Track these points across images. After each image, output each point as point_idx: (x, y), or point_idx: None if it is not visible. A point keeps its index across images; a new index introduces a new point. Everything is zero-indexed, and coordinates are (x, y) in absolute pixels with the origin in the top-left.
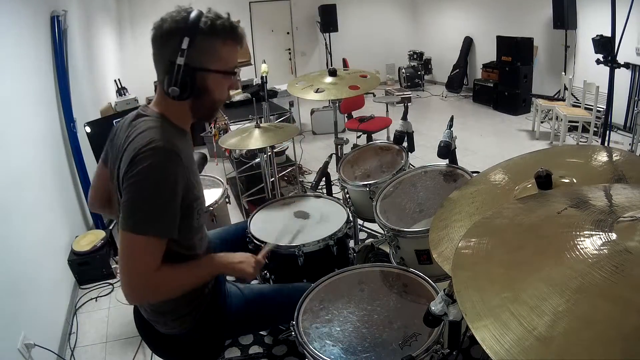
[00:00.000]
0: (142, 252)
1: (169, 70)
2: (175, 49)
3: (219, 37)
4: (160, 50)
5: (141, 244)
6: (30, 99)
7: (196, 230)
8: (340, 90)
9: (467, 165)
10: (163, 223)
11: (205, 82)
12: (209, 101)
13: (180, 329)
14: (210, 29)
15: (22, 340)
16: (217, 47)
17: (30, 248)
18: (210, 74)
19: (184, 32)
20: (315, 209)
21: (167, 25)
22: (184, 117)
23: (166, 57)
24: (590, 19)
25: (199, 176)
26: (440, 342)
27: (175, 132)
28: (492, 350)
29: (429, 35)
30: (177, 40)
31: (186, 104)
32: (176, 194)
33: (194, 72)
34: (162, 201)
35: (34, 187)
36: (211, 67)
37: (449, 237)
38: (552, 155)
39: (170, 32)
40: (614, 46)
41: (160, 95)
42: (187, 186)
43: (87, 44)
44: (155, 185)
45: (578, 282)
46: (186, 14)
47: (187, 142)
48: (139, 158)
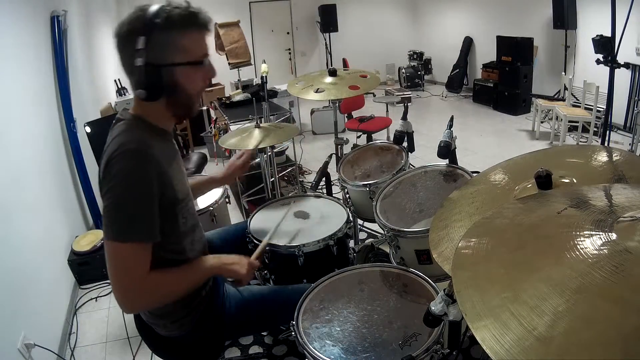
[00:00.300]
0: (128, 259)
1: (133, 72)
2: (133, 51)
3: (177, 28)
4: (122, 54)
5: (126, 251)
6: (30, 99)
7: (184, 234)
8: (340, 90)
9: (467, 165)
10: (144, 227)
11: (174, 77)
12: (184, 96)
13: (179, 331)
14: (166, 22)
15: (22, 340)
16: (176, 39)
17: (30, 248)
18: (176, 68)
19: (139, 32)
20: (315, 209)
21: (125, 28)
22: (163, 116)
23: (127, 60)
24: (590, 19)
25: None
26: (440, 342)
27: (152, 132)
28: (492, 350)
29: (429, 35)
30: (133, 41)
31: (161, 104)
32: (152, 194)
33: (159, 69)
34: (138, 205)
35: (34, 187)
36: (175, 60)
37: (449, 237)
38: (552, 155)
39: (128, 34)
40: (614, 46)
41: (134, 99)
42: (164, 184)
43: (87, 44)
44: (129, 189)
45: (578, 282)
46: (141, 12)
47: (166, 142)
48: (111, 164)
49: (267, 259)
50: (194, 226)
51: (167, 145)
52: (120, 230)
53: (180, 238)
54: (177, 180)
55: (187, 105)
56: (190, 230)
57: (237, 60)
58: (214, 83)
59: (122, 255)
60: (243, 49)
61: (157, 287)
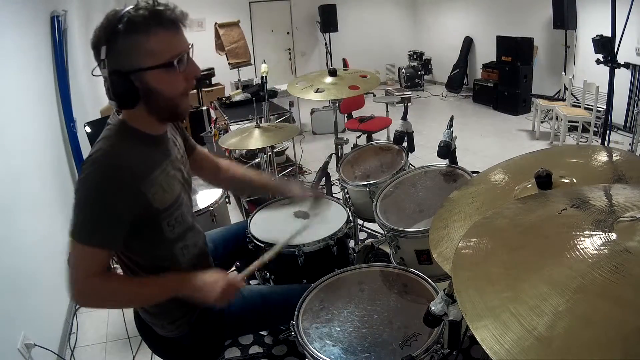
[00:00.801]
0: (80, 258)
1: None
2: (99, 62)
3: (141, 31)
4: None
5: (80, 250)
6: (30, 99)
7: (173, 240)
8: (340, 90)
9: (467, 165)
10: (99, 234)
11: (146, 82)
12: (163, 100)
13: (178, 332)
14: (128, 27)
15: (22, 340)
16: (141, 43)
17: (30, 248)
18: (145, 73)
19: (102, 41)
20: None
21: (93, 39)
22: (149, 122)
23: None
24: (590, 19)
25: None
26: (440, 342)
27: (136, 139)
28: (492, 350)
29: (429, 35)
30: (98, 52)
31: (143, 110)
32: (114, 205)
33: (127, 77)
34: (97, 212)
35: (34, 187)
36: (142, 65)
37: (449, 237)
38: (552, 155)
39: (95, 44)
40: (614, 46)
41: None
42: (135, 196)
43: (87, 44)
44: (91, 195)
45: (578, 282)
46: (106, 20)
47: (153, 147)
48: (84, 167)
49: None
50: (186, 232)
51: (153, 151)
52: (76, 230)
53: (168, 245)
54: (158, 190)
55: (169, 109)
56: (179, 237)
57: (237, 60)
58: (214, 83)
59: (76, 253)
60: (243, 49)
61: (104, 291)
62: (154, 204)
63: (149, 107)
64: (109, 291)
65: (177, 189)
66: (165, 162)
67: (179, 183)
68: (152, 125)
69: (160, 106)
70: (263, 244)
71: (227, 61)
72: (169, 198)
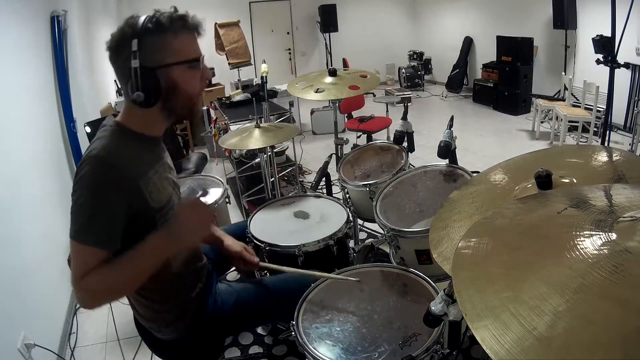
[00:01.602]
0: (80, 258)
1: (129, 77)
2: (127, 55)
3: (168, 30)
4: (116, 62)
5: (80, 251)
6: (30, 99)
7: None
8: (340, 90)
9: (467, 165)
10: (99, 234)
11: (171, 78)
12: (184, 97)
13: (175, 335)
14: (157, 26)
15: (22, 340)
16: (168, 41)
17: (30, 248)
18: (171, 68)
19: (131, 36)
20: (315, 209)
21: (115, 38)
22: (152, 123)
23: (122, 66)
24: (590, 19)
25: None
26: (440, 342)
27: (133, 140)
28: (492, 350)
29: (429, 35)
30: (127, 46)
31: (156, 109)
32: (111, 204)
33: (154, 71)
34: (96, 212)
35: (34, 187)
36: (169, 61)
37: (449, 237)
38: (552, 155)
39: (120, 40)
40: (614, 46)
41: (127, 105)
42: (131, 194)
43: (87, 44)
44: (89, 195)
45: (578, 282)
46: (131, 19)
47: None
48: (80, 167)
49: (267, 259)
50: None
51: (148, 152)
52: (77, 231)
53: None
54: (153, 189)
55: (188, 106)
56: None
57: (237, 60)
58: (214, 83)
59: (76, 253)
60: (243, 49)
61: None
62: (151, 203)
63: (168, 104)
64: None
65: (169, 190)
66: (158, 164)
67: (170, 185)
68: (150, 126)
69: (180, 103)
70: (263, 244)
71: (227, 61)
72: (164, 198)
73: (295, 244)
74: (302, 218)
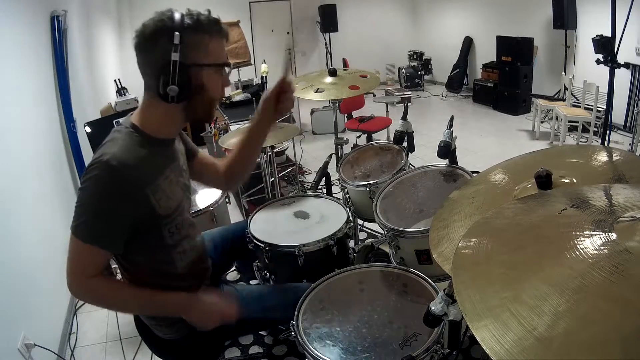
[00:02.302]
0: (79, 255)
1: (163, 70)
2: (166, 47)
3: (206, 31)
4: (148, 54)
5: (79, 247)
6: (30, 99)
7: (172, 246)
8: (340, 90)
9: (467, 165)
10: (101, 235)
11: (200, 79)
12: (207, 99)
13: (177, 334)
14: (197, 24)
15: (22, 340)
16: (205, 42)
17: (30, 248)
18: (203, 69)
19: (172, 29)
20: (315, 209)
21: (152, 28)
22: (170, 122)
23: (157, 58)
24: (590, 19)
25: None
26: (440, 342)
27: (146, 144)
28: (492, 350)
29: (429, 35)
30: (166, 38)
31: (178, 108)
32: (115, 211)
33: (188, 69)
34: (100, 215)
35: (34, 187)
36: (203, 62)
37: (449, 237)
38: (552, 155)
39: (157, 32)
40: (614, 46)
41: (144, 102)
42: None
43: (87, 44)
44: (95, 198)
45: (578, 282)
46: (169, 13)
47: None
48: (88, 169)
49: (267, 259)
50: (185, 238)
51: (161, 156)
52: (79, 228)
53: (168, 250)
54: (162, 196)
55: (208, 108)
56: (178, 243)
57: (237, 60)
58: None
59: (75, 249)
60: (243, 49)
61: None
62: (157, 210)
63: (192, 104)
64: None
65: (179, 196)
66: (171, 167)
67: (181, 189)
68: (167, 126)
69: (204, 104)
70: (263, 244)
71: None
72: (172, 205)
73: (295, 244)
74: (302, 218)
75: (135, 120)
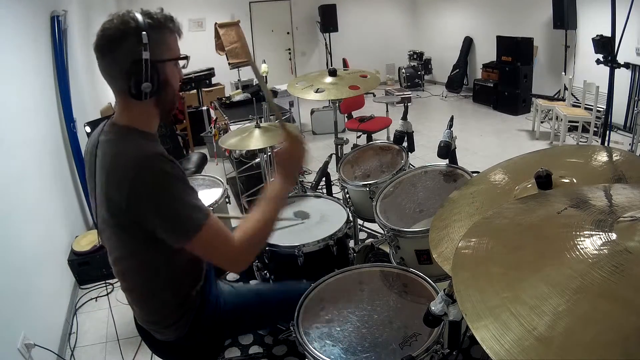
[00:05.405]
0: (216, 236)
1: (133, 70)
2: (133, 48)
3: (165, 28)
4: (113, 55)
5: (209, 232)
6: (30, 99)
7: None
8: (340, 90)
9: (467, 165)
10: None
11: (165, 73)
12: (172, 91)
13: (175, 335)
14: (158, 22)
15: (22, 340)
16: (166, 38)
17: (30, 248)
18: (166, 64)
19: (138, 29)
20: (315, 209)
21: (115, 30)
22: (150, 119)
23: (125, 59)
24: (590, 19)
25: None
26: (440, 342)
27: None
28: (492, 350)
29: (429, 35)
30: (133, 38)
31: (151, 103)
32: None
33: (156, 65)
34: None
35: (34, 187)
36: (166, 57)
37: (449, 237)
38: (552, 155)
39: (123, 33)
40: (614, 46)
41: (121, 105)
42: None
43: (87, 44)
44: (176, 187)
45: (578, 282)
46: (132, 14)
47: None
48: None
49: (267, 259)
50: None
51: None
52: (191, 223)
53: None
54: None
55: (172, 101)
56: None
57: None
58: (214, 83)
59: (210, 238)
60: (242, 49)
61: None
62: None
63: (160, 98)
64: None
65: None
66: None
67: None
68: (151, 124)
69: (169, 98)
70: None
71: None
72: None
73: (295, 244)
74: (302, 218)
75: (123, 122)
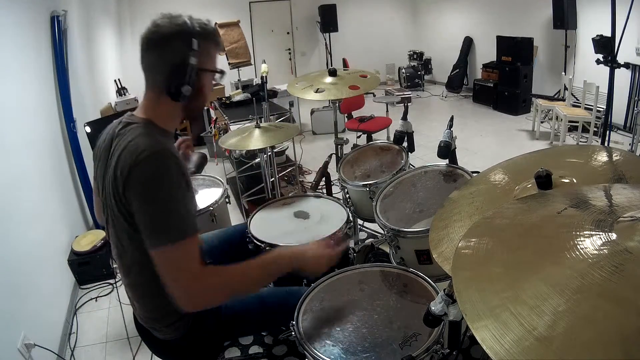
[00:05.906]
0: (185, 258)
1: (176, 71)
2: (182, 50)
3: (212, 40)
4: (160, 51)
5: (181, 251)
6: (30, 99)
7: None
8: (340, 90)
9: (467, 165)
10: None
11: (202, 81)
12: (203, 100)
13: (175, 335)
14: (206, 32)
15: (22, 340)
16: (211, 49)
17: (30, 248)
18: (206, 74)
19: (190, 34)
20: (315, 209)
21: (169, 28)
22: (172, 119)
23: (172, 58)
24: (590, 19)
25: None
26: (440, 342)
27: (163, 136)
28: (492, 350)
29: (429, 35)
30: (182, 41)
31: (179, 105)
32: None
33: (198, 72)
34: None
35: (34, 187)
36: (208, 67)
37: (449, 237)
38: (552, 155)
39: (176, 33)
40: (614, 46)
41: (150, 100)
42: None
43: (87, 44)
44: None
45: (578, 282)
46: (183, 18)
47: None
48: (138, 168)
49: None
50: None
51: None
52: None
53: None
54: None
55: (201, 108)
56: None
57: (237, 60)
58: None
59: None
60: (243, 49)
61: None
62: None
63: (191, 103)
64: (222, 281)
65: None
66: None
67: None
68: (171, 123)
69: (199, 104)
70: (263, 244)
71: (227, 61)
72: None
73: (295, 244)
74: (302, 218)
75: (145, 115)
